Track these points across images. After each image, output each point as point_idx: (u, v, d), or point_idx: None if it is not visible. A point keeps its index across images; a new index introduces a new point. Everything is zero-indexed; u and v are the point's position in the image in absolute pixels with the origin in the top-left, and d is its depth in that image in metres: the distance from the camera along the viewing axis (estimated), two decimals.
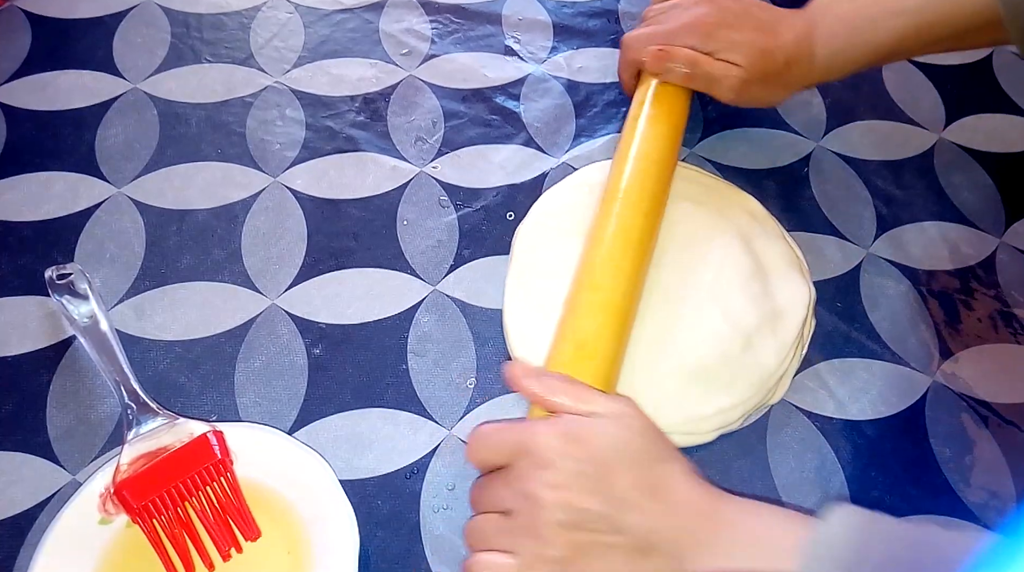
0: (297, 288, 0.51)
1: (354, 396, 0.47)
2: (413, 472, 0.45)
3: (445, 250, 0.53)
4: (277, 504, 0.42)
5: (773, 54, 0.52)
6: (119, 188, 0.54)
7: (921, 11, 0.52)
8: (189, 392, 0.47)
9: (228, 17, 0.64)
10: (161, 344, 0.48)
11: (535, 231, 0.52)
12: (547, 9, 0.67)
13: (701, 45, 0.53)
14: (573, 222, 0.51)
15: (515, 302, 0.49)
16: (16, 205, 0.53)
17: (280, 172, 0.56)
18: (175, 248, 0.52)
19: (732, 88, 0.53)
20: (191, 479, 0.42)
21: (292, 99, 0.60)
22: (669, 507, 0.36)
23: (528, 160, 0.58)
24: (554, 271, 0.49)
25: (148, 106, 0.58)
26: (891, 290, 0.54)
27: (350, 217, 0.54)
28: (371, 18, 0.65)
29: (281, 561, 0.41)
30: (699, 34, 0.53)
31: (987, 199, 0.59)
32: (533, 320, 0.48)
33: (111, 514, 0.41)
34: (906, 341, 0.52)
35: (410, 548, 0.43)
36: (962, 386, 0.50)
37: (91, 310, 0.46)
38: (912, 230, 0.57)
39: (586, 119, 0.61)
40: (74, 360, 0.47)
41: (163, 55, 0.61)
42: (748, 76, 0.52)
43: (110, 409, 0.46)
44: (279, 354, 0.48)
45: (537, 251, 0.51)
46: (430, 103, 0.61)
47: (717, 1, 0.54)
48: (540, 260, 0.50)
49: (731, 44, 0.52)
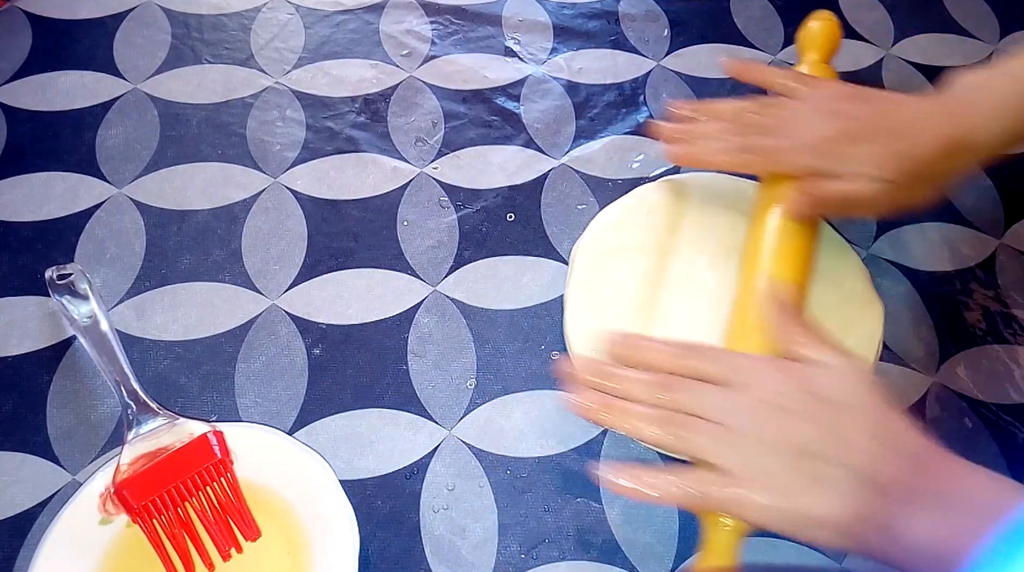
0: (297, 288, 0.51)
1: (354, 396, 0.47)
2: (413, 472, 0.45)
3: (445, 251, 0.53)
4: (277, 504, 0.42)
5: (917, 155, 0.45)
6: (119, 188, 0.54)
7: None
8: (189, 392, 0.47)
9: (228, 18, 0.64)
10: (161, 344, 0.48)
11: (595, 245, 0.51)
12: (547, 10, 0.67)
13: (831, 167, 0.46)
14: (630, 239, 0.51)
15: (577, 309, 0.49)
16: (16, 205, 0.53)
17: (280, 173, 0.56)
18: (175, 248, 0.52)
19: (881, 206, 0.47)
20: (191, 479, 0.42)
21: (292, 100, 0.60)
22: (894, 453, 0.36)
23: (528, 161, 0.58)
24: (613, 281, 0.49)
25: (148, 107, 0.58)
26: (891, 291, 0.54)
27: (350, 218, 0.54)
28: (371, 19, 0.65)
29: (281, 561, 0.41)
30: (825, 154, 0.46)
31: (987, 200, 0.59)
32: (594, 326, 0.47)
33: (111, 514, 0.41)
34: (906, 342, 0.52)
35: (410, 548, 0.43)
36: (962, 387, 0.50)
37: (91, 310, 0.46)
38: (912, 231, 0.57)
39: (586, 120, 0.61)
40: (74, 360, 0.47)
41: (163, 56, 0.61)
42: (894, 189, 0.45)
43: (110, 409, 0.46)
44: (279, 354, 0.48)
45: (597, 264, 0.50)
46: (430, 104, 0.61)
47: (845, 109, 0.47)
48: (600, 273, 0.50)
49: (869, 160, 0.45)
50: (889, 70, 0.66)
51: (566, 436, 0.47)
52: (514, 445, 0.46)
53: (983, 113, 0.46)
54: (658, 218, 0.52)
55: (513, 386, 0.48)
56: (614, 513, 0.45)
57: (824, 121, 0.47)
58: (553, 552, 0.43)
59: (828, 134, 0.46)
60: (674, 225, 0.52)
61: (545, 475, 0.46)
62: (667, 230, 0.52)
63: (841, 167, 0.46)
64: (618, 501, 0.45)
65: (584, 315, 0.48)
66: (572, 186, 0.57)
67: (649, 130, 0.53)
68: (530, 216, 0.55)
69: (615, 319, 0.48)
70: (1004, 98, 0.46)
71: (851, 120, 0.46)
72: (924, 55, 0.67)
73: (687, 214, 0.53)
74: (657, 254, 0.51)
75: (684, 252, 0.51)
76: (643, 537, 0.44)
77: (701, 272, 0.50)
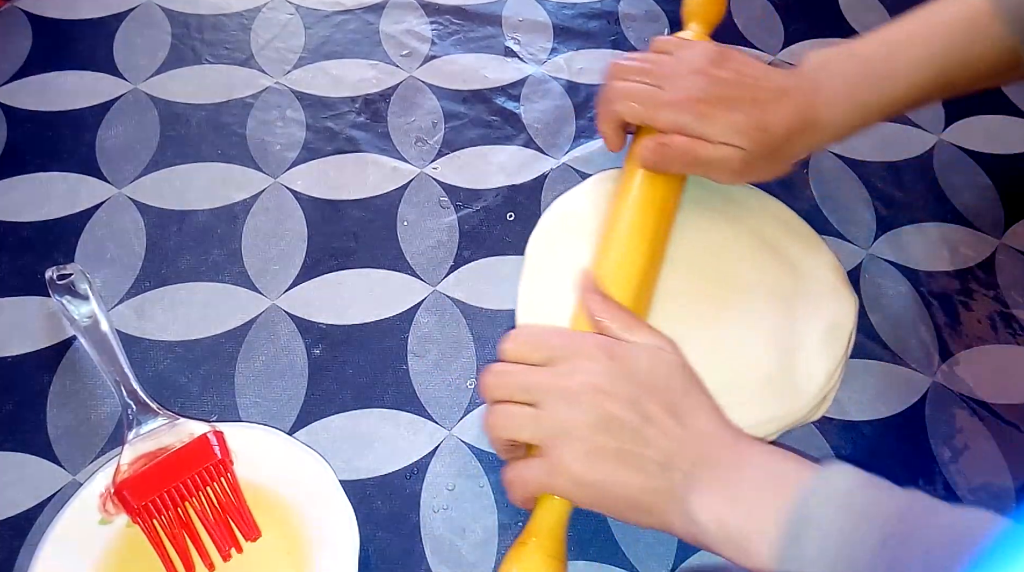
0: (297, 289, 0.51)
1: (354, 397, 0.47)
2: (413, 472, 0.45)
3: (445, 251, 0.53)
4: (277, 504, 0.42)
5: (773, 129, 0.48)
6: (120, 189, 0.54)
7: (935, 63, 0.48)
8: (189, 392, 0.47)
9: (229, 18, 0.64)
10: (161, 344, 0.48)
11: (549, 235, 0.51)
12: (547, 10, 0.67)
13: (697, 127, 0.48)
14: (586, 227, 0.51)
15: (529, 304, 0.49)
16: (17, 205, 0.53)
17: (280, 173, 0.56)
18: (175, 248, 0.52)
19: (733, 171, 0.49)
20: (191, 479, 0.42)
21: (292, 100, 0.60)
22: (691, 434, 0.38)
23: (528, 161, 0.58)
24: (568, 274, 0.48)
25: (149, 107, 0.58)
26: (891, 291, 0.54)
27: (350, 218, 0.54)
28: (371, 19, 0.65)
29: (281, 561, 0.41)
30: (694, 114, 0.48)
31: (986, 200, 0.59)
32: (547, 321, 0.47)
33: (111, 514, 0.41)
34: (906, 342, 0.52)
35: (410, 548, 0.43)
36: (962, 387, 0.50)
37: (91, 310, 0.46)
38: (912, 231, 0.57)
39: (586, 120, 0.61)
40: (74, 360, 0.47)
41: (164, 56, 0.61)
42: (749, 157, 0.48)
43: (110, 409, 0.46)
44: (279, 354, 0.48)
45: (552, 254, 0.50)
46: (430, 104, 0.61)
47: (712, 71, 0.49)
48: (555, 263, 0.50)
49: (728, 126, 0.47)
50: None
51: None
52: None
53: (830, 95, 0.48)
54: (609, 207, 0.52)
55: None
56: None
57: (693, 81, 0.48)
58: None
59: (696, 94, 0.48)
60: None
61: None
62: None
63: (703, 128, 0.47)
64: None
65: (535, 310, 0.48)
66: (572, 186, 0.57)
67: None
68: (530, 216, 0.54)
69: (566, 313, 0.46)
70: (848, 80, 0.48)
71: (718, 84, 0.48)
72: None
73: None
74: None
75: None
76: (643, 537, 0.44)
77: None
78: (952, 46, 0.48)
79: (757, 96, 0.48)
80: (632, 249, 0.47)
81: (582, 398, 0.38)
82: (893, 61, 0.48)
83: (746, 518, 0.34)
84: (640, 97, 0.49)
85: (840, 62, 0.49)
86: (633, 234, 0.47)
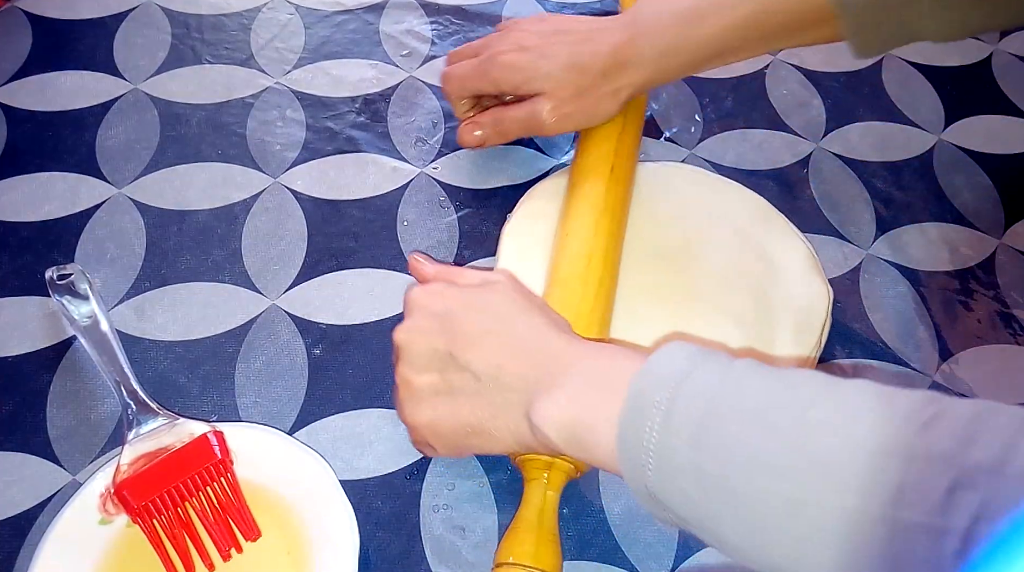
0: (297, 288, 0.51)
1: (354, 396, 0.47)
2: (413, 472, 0.45)
3: (445, 251, 0.53)
4: (277, 504, 0.42)
5: (585, 67, 0.49)
6: (120, 189, 0.54)
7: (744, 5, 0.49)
8: (189, 392, 0.47)
9: (228, 18, 0.64)
10: (161, 344, 0.48)
11: (522, 229, 0.52)
12: (547, 11, 0.67)
13: (510, 87, 0.51)
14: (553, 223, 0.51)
15: None
16: (17, 205, 0.53)
17: (280, 173, 0.56)
18: (175, 248, 0.52)
19: (550, 121, 0.51)
20: (191, 479, 0.42)
21: (292, 100, 0.60)
22: (511, 345, 0.38)
23: (528, 161, 0.58)
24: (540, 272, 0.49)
25: (148, 107, 0.58)
26: (891, 291, 0.54)
27: (350, 218, 0.54)
28: (371, 19, 0.65)
29: (281, 561, 0.41)
30: (506, 72, 0.51)
31: (986, 200, 0.59)
32: None
33: (111, 514, 0.41)
34: (906, 342, 0.52)
35: (410, 548, 0.43)
36: (962, 387, 0.50)
37: (91, 310, 0.46)
38: (912, 231, 0.57)
39: None
40: (74, 360, 0.47)
41: (163, 56, 0.61)
42: (558, 102, 0.50)
43: (110, 409, 0.46)
44: (279, 354, 0.48)
45: (524, 248, 0.51)
46: (430, 104, 0.61)
47: (528, 28, 0.52)
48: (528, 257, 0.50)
49: (536, 73, 0.50)
50: (889, 70, 0.66)
51: None
52: None
53: (644, 31, 0.50)
54: None
55: None
56: (614, 513, 0.45)
57: (505, 41, 0.52)
58: None
59: (503, 49, 0.51)
60: None
61: None
62: None
63: (520, 85, 0.51)
64: (618, 501, 0.45)
65: None
66: None
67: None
68: None
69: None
70: (662, 18, 0.50)
71: (532, 36, 0.51)
72: (923, 55, 0.67)
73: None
74: None
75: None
76: (643, 537, 0.44)
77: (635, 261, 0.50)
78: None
79: (571, 39, 0.51)
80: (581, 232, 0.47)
81: (412, 345, 0.40)
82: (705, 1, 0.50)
83: (585, 414, 0.35)
84: (460, 71, 0.53)
85: (662, 3, 0.51)
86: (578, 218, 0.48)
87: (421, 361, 0.40)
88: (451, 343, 0.39)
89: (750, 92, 0.64)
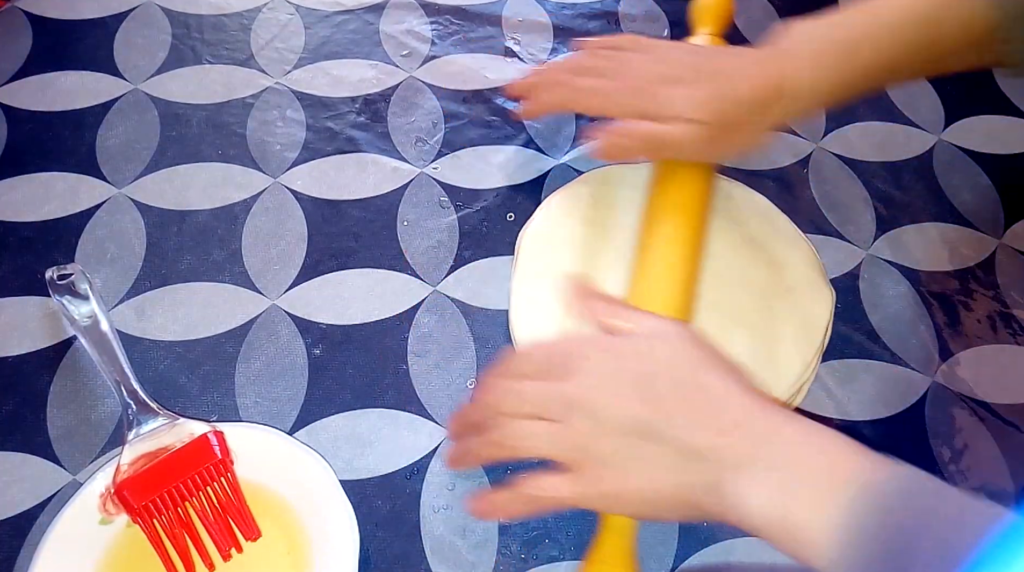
0: (297, 288, 0.51)
1: (354, 396, 0.47)
2: (413, 472, 0.45)
3: (445, 251, 0.53)
4: (277, 504, 0.42)
5: (740, 98, 0.46)
6: (120, 189, 0.54)
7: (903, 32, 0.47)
8: (189, 392, 0.47)
9: (229, 18, 0.64)
10: (161, 344, 0.48)
11: (541, 234, 0.52)
12: (547, 10, 0.67)
13: (654, 108, 0.47)
14: (578, 226, 0.51)
15: (522, 303, 0.49)
16: (17, 206, 0.53)
17: (281, 173, 0.56)
18: (176, 249, 0.52)
19: (699, 147, 0.48)
20: (191, 479, 0.42)
21: (293, 100, 0.60)
22: (713, 417, 0.36)
23: (528, 161, 0.58)
24: (561, 273, 0.49)
25: (149, 107, 0.58)
26: (891, 291, 0.54)
27: (350, 218, 0.54)
28: (371, 19, 0.65)
29: (281, 561, 0.41)
30: (647, 96, 0.47)
31: (986, 200, 0.59)
32: (540, 321, 0.48)
33: (111, 514, 0.41)
34: (906, 342, 0.52)
35: (410, 548, 0.43)
36: (962, 387, 0.50)
37: (91, 310, 0.46)
38: (911, 231, 0.57)
39: (586, 120, 0.61)
40: (75, 360, 0.47)
41: (164, 56, 0.61)
42: (713, 131, 0.46)
43: (110, 409, 0.46)
44: (279, 354, 0.48)
45: (543, 253, 0.51)
46: (430, 104, 0.61)
47: (664, 53, 0.49)
48: (547, 263, 0.50)
49: (688, 101, 0.46)
50: None
51: None
52: None
53: (802, 60, 0.47)
54: (606, 204, 0.53)
55: None
56: None
57: (651, 66, 0.48)
58: (553, 552, 0.43)
59: (651, 77, 0.47)
60: (623, 211, 0.52)
61: None
62: (615, 217, 0.52)
63: (659, 109, 0.47)
64: None
65: (529, 306, 0.49)
66: None
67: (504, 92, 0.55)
68: (530, 216, 0.54)
69: (560, 309, 0.47)
70: (823, 46, 0.47)
71: (676, 65, 0.48)
72: None
73: (638, 200, 0.53)
74: (603, 241, 0.51)
75: (633, 240, 0.51)
76: (643, 537, 0.44)
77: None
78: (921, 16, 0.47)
79: (718, 68, 0.47)
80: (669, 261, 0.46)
81: (595, 405, 0.37)
82: (859, 27, 0.47)
83: (799, 510, 0.32)
84: (593, 88, 0.49)
85: (809, 29, 0.48)
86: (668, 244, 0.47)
87: (610, 426, 0.36)
88: (653, 413, 0.36)
89: None
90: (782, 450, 0.34)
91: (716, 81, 0.47)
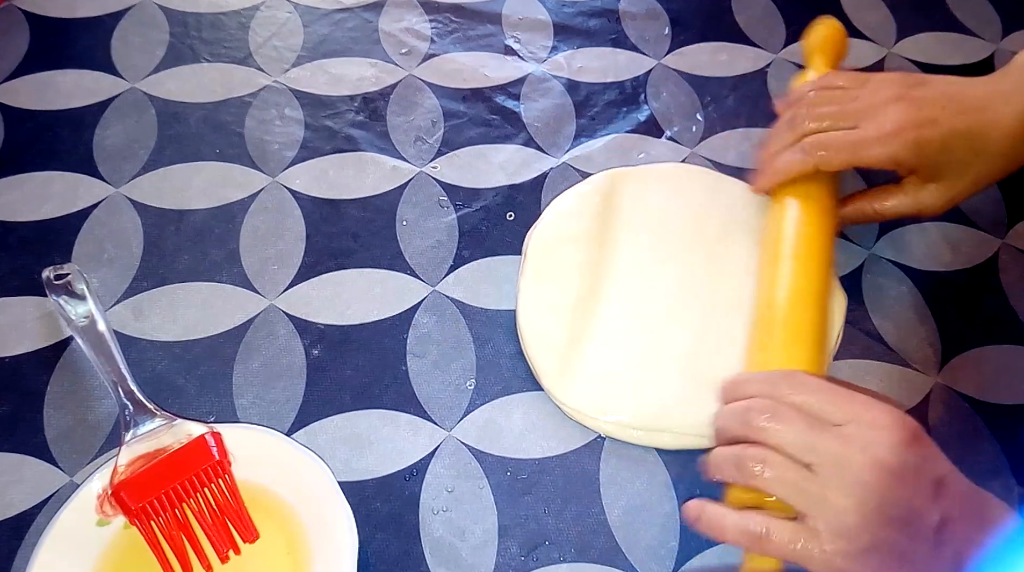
0: (296, 288, 0.51)
1: (353, 397, 0.47)
2: (412, 474, 0.45)
3: (445, 250, 0.53)
4: (275, 506, 0.42)
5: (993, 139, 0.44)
6: (117, 188, 0.54)
7: None
8: (187, 393, 0.47)
9: (227, 16, 0.64)
10: (159, 345, 0.48)
11: (549, 234, 0.52)
12: (547, 8, 0.67)
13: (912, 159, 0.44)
14: (585, 228, 0.52)
15: (529, 303, 0.49)
16: (14, 205, 0.53)
17: (279, 172, 0.56)
18: (173, 248, 0.52)
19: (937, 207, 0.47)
20: (189, 481, 0.42)
21: (291, 99, 0.60)
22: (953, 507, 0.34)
23: (528, 160, 0.58)
24: (568, 274, 0.50)
25: (147, 106, 0.58)
26: (893, 291, 0.54)
27: (349, 217, 0.54)
28: (370, 17, 0.65)
29: (279, 563, 0.41)
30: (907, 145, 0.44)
31: (989, 200, 0.59)
32: (547, 321, 0.48)
33: (109, 515, 0.41)
34: (908, 342, 0.51)
35: (409, 550, 0.43)
36: (964, 387, 0.50)
37: (89, 310, 0.46)
38: (914, 231, 0.57)
39: (586, 119, 0.60)
40: (72, 361, 0.47)
41: (161, 55, 0.61)
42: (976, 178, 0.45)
43: (108, 410, 0.46)
44: (278, 355, 0.48)
45: (551, 254, 0.51)
46: (430, 103, 0.60)
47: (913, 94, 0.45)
48: (554, 264, 0.50)
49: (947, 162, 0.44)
50: (891, 69, 0.66)
51: (566, 437, 0.47)
52: (514, 446, 0.46)
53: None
54: (614, 206, 0.53)
55: (513, 387, 0.48)
56: (615, 515, 0.44)
57: (895, 108, 0.45)
58: (553, 554, 0.43)
59: (902, 121, 0.44)
60: (631, 212, 0.52)
61: (545, 476, 0.45)
62: (623, 218, 0.52)
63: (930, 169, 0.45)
64: (619, 502, 0.45)
65: (537, 306, 0.49)
66: (573, 185, 0.57)
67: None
68: (530, 216, 0.54)
69: (567, 311, 0.48)
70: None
71: (925, 106, 0.45)
72: (926, 54, 0.67)
73: (645, 202, 0.53)
74: (611, 243, 0.51)
75: (640, 242, 0.51)
76: (644, 539, 0.44)
77: (657, 263, 0.51)
78: None
79: (964, 107, 0.45)
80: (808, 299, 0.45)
81: (866, 475, 0.33)
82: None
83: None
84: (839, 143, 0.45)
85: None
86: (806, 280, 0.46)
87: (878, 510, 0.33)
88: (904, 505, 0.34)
89: (751, 91, 0.63)
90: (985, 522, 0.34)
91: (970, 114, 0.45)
